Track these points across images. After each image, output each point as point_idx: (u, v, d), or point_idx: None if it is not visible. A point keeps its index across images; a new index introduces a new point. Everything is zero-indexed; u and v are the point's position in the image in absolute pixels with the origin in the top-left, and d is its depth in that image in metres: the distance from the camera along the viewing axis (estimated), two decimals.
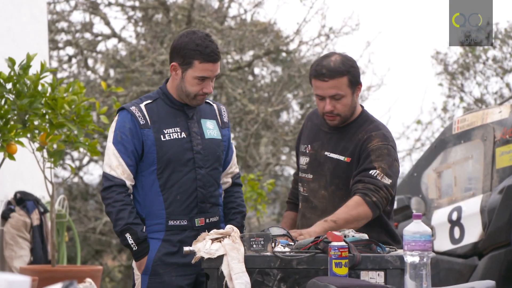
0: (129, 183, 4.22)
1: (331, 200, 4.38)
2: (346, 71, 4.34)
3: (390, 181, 4.30)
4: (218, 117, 4.46)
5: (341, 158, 4.38)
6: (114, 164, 4.20)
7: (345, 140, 4.40)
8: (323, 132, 4.48)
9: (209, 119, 4.40)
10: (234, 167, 4.51)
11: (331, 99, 4.35)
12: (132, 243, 4.19)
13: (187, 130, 4.29)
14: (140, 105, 4.28)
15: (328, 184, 4.38)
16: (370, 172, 4.28)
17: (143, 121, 4.24)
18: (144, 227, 4.24)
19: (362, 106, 4.50)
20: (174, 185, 4.24)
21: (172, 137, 4.25)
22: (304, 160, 4.51)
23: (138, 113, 4.25)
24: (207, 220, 4.30)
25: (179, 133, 4.27)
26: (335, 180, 4.37)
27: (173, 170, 4.23)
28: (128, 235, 4.18)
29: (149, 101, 4.31)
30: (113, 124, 4.29)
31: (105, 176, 4.23)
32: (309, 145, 4.51)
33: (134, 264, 4.29)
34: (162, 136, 4.24)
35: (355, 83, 4.37)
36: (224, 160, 4.45)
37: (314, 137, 4.51)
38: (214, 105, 4.48)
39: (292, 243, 4.04)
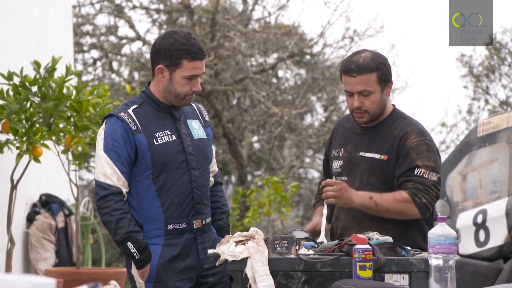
0: (124, 190, 4.16)
1: None
2: (375, 68, 4.33)
3: (438, 176, 4.30)
4: (200, 116, 4.42)
5: (377, 156, 4.35)
6: (109, 172, 4.13)
7: (379, 139, 4.38)
8: (355, 134, 4.46)
9: (193, 119, 4.36)
10: (214, 165, 4.48)
11: (359, 95, 4.33)
12: (134, 252, 4.13)
13: (177, 132, 4.25)
14: (128, 110, 4.21)
15: (363, 184, 4.34)
16: (415, 172, 4.27)
17: (134, 127, 4.18)
18: (142, 233, 4.19)
19: (393, 105, 4.48)
20: (170, 188, 4.20)
21: (164, 141, 4.20)
22: (337, 163, 4.48)
23: (128, 119, 4.18)
24: (203, 222, 4.28)
25: (169, 136, 4.22)
26: (372, 179, 4.34)
27: (169, 173, 4.19)
28: (129, 244, 4.12)
29: (135, 106, 4.24)
30: (101, 132, 4.21)
31: (100, 185, 4.15)
32: (342, 149, 4.48)
33: (135, 272, 4.22)
34: (154, 140, 4.19)
35: (384, 80, 4.35)
36: None
37: (346, 140, 4.48)
38: (194, 105, 4.44)
39: (316, 246, 4.04)
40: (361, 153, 4.39)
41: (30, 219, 8.12)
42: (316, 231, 4.40)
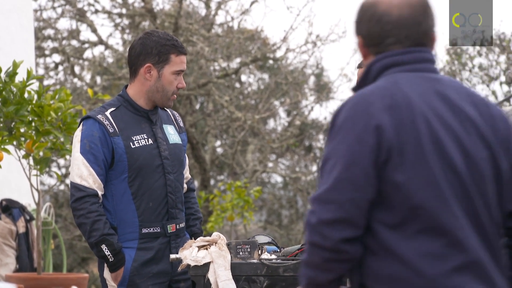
0: (100, 193, 4.15)
1: None
2: None
3: None
4: (175, 122, 4.43)
5: None
6: (85, 174, 4.11)
7: None
8: None
9: (168, 124, 4.37)
10: (188, 172, 4.49)
11: None
12: (108, 254, 4.11)
13: (153, 136, 4.25)
14: (106, 113, 4.21)
15: None
16: None
17: (112, 129, 4.17)
18: (117, 237, 4.18)
19: None
20: (146, 192, 4.19)
21: (141, 144, 4.20)
22: None
23: (106, 121, 4.18)
24: (177, 226, 4.28)
25: (146, 140, 4.22)
26: None
27: (144, 177, 4.19)
28: (104, 246, 4.10)
29: (113, 109, 4.24)
30: (78, 134, 4.19)
31: (76, 187, 4.12)
32: None
33: (107, 275, 4.20)
34: (131, 143, 4.18)
35: None
36: None
37: None
38: (169, 111, 4.45)
39: (279, 250, 4.05)
40: None
41: None
42: None
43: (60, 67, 15.51)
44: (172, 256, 3.96)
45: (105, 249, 4.11)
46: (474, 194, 2.42)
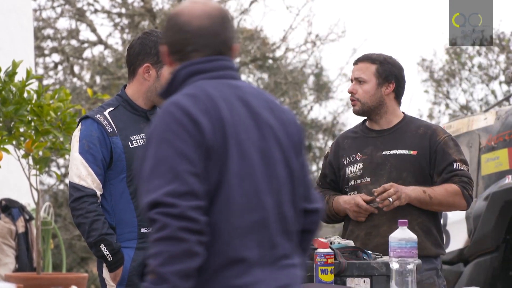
0: (99, 193, 4.15)
1: None
2: (378, 61, 4.46)
3: (468, 168, 4.42)
4: None
5: (405, 152, 4.39)
6: (84, 174, 4.12)
7: (402, 138, 4.43)
8: (371, 138, 4.50)
9: None
10: None
11: (355, 81, 4.45)
12: (107, 254, 4.11)
13: None
14: (104, 113, 4.21)
15: (393, 180, 4.36)
16: (454, 166, 4.36)
17: (110, 129, 4.18)
18: (116, 236, 4.18)
19: (403, 112, 4.56)
20: None
21: (139, 144, 4.20)
22: (355, 167, 4.48)
23: (104, 121, 4.18)
24: None
25: (144, 140, 4.24)
26: (402, 174, 4.37)
27: None
28: (103, 246, 4.10)
29: (111, 109, 4.24)
30: (77, 134, 4.20)
31: (74, 187, 4.13)
32: (358, 153, 4.49)
33: (106, 275, 4.20)
34: (130, 143, 4.19)
35: (384, 77, 4.44)
36: None
37: (361, 145, 4.50)
38: None
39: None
40: (384, 152, 4.42)
41: None
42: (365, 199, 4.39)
43: (60, 67, 15.51)
44: None
45: (104, 248, 4.11)
46: (269, 192, 2.61)
